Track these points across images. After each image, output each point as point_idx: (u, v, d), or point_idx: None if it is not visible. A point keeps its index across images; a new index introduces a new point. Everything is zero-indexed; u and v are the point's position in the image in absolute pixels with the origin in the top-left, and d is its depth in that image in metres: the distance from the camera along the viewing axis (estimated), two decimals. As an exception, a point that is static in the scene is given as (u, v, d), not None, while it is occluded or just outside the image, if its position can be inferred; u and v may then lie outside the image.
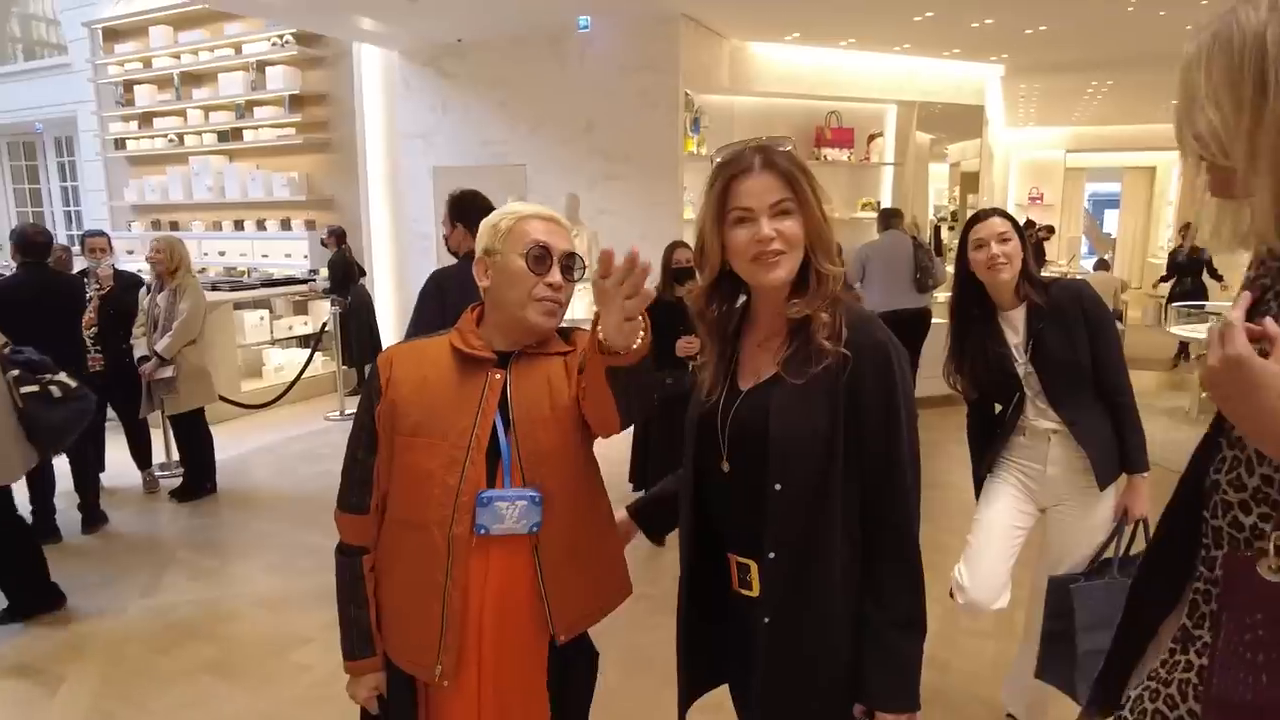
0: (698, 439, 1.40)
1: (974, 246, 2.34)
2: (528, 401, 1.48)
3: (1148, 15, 6.59)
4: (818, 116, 8.06)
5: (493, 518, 1.43)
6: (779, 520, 1.28)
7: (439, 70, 7.60)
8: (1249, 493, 1.07)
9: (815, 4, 6.35)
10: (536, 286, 1.47)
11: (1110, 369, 2.32)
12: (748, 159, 1.28)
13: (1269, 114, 0.94)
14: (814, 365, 1.26)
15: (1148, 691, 1.18)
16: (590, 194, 6.84)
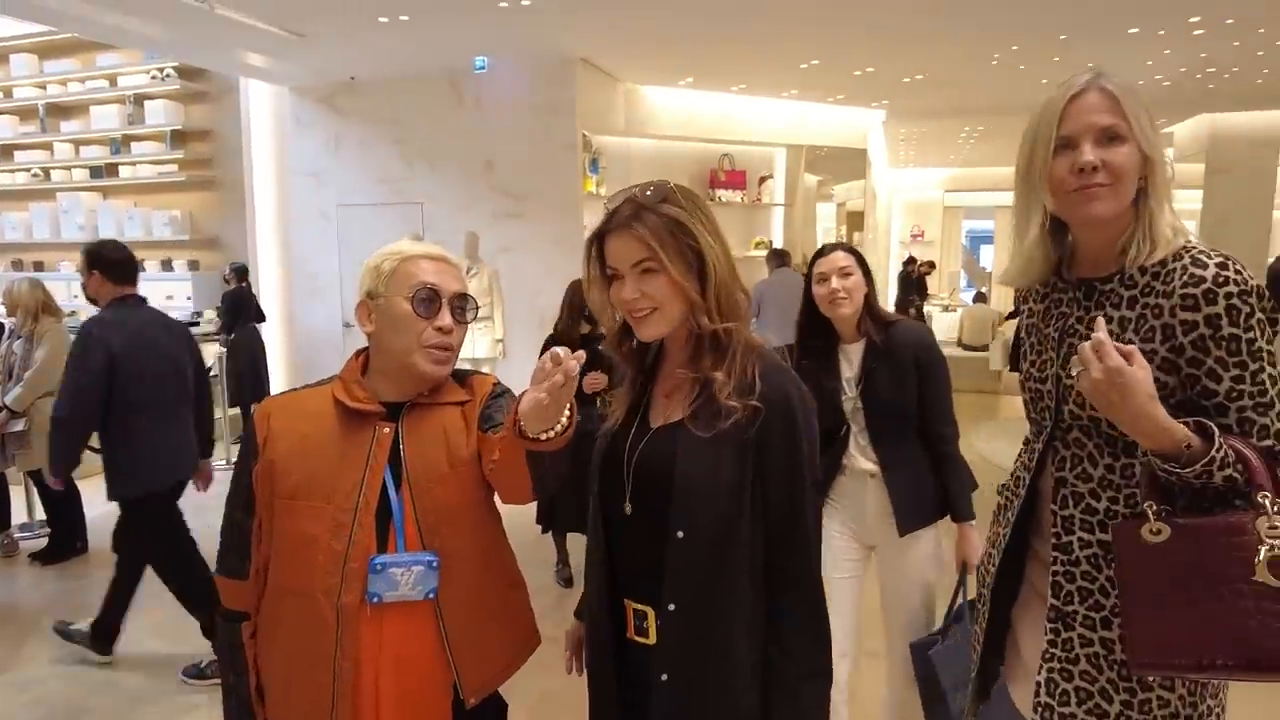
0: (603, 475, 1.36)
1: (817, 281, 2.34)
2: (422, 458, 1.38)
3: (1010, 68, 7.13)
4: (711, 159, 8.30)
5: (387, 585, 1.32)
6: (679, 572, 1.24)
7: (332, 107, 7.45)
8: (1096, 481, 1.29)
9: (706, 50, 6.57)
10: (425, 332, 1.37)
11: (936, 416, 2.32)
12: (618, 216, 1.25)
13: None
14: (722, 420, 1.23)
15: (1057, 673, 1.31)
16: (491, 232, 6.80)
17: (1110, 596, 1.27)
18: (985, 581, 1.49)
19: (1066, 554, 1.32)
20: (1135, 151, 1.23)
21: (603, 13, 5.57)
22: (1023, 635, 1.44)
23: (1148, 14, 5.75)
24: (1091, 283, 1.32)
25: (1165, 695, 1.26)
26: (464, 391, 1.47)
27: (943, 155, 13.72)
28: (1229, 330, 1.18)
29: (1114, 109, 1.22)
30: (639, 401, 1.36)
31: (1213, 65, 7.21)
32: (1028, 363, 1.44)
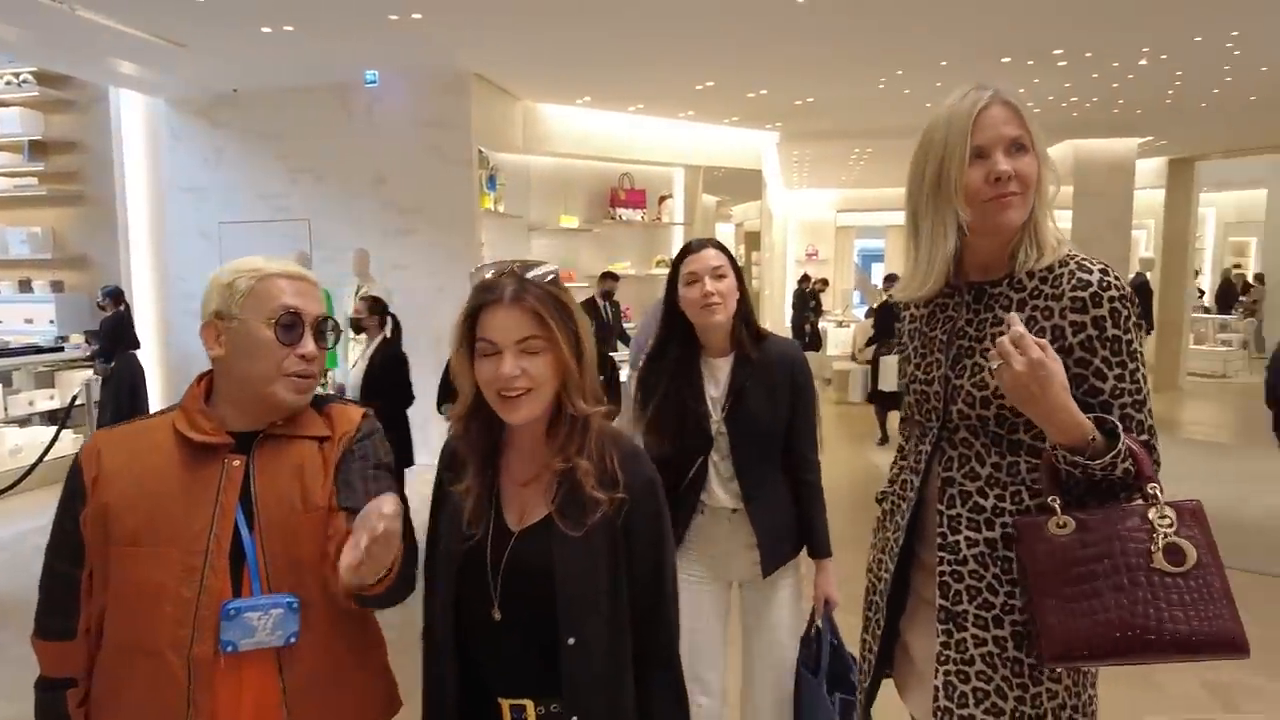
0: (460, 581, 1.26)
1: (686, 281, 2.02)
2: (276, 495, 1.26)
3: (895, 93, 7.44)
4: (611, 178, 8.32)
5: (242, 632, 1.20)
6: (576, 675, 1.22)
7: (211, 120, 7.10)
8: (984, 480, 1.32)
9: (602, 70, 6.60)
10: (287, 359, 1.26)
11: (804, 442, 2.12)
12: (501, 289, 1.20)
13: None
14: (590, 514, 1.22)
15: (953, 675, 1.32)
16: (382, 249, 6.59)
17: (999, 594, 1.30)
18: (877, 589, 1.50)
19: (953, 553, 1.34)
20: (1035, 161, 1.29)
21: (495, 30, 5.50)
22: (913, 643, 1.45)
23: (1017, 45, 6.11)
24: (982, 286, 1.36)
25: (1053, 687, 1.30)
26: (323, 423, 1.34)
27: (835, 176, 14.21)
28: (1112, 331, 1.25)
29: (1018, 121, 1.29)
30: (489, 502, 1.27)
31: (1075, 94, 7.72)
32: (912, 366, 1.46)
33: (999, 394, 1.28)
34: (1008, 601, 1.29)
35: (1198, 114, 8.66)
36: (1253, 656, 2.96)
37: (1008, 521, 1.29)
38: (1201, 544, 1.16)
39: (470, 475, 1.27)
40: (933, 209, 1.33)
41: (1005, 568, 1.30)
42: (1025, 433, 1.30)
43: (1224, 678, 3.42)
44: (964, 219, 1.30)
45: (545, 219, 7.91)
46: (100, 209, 7.46)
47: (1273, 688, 3.33)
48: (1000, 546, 1.31)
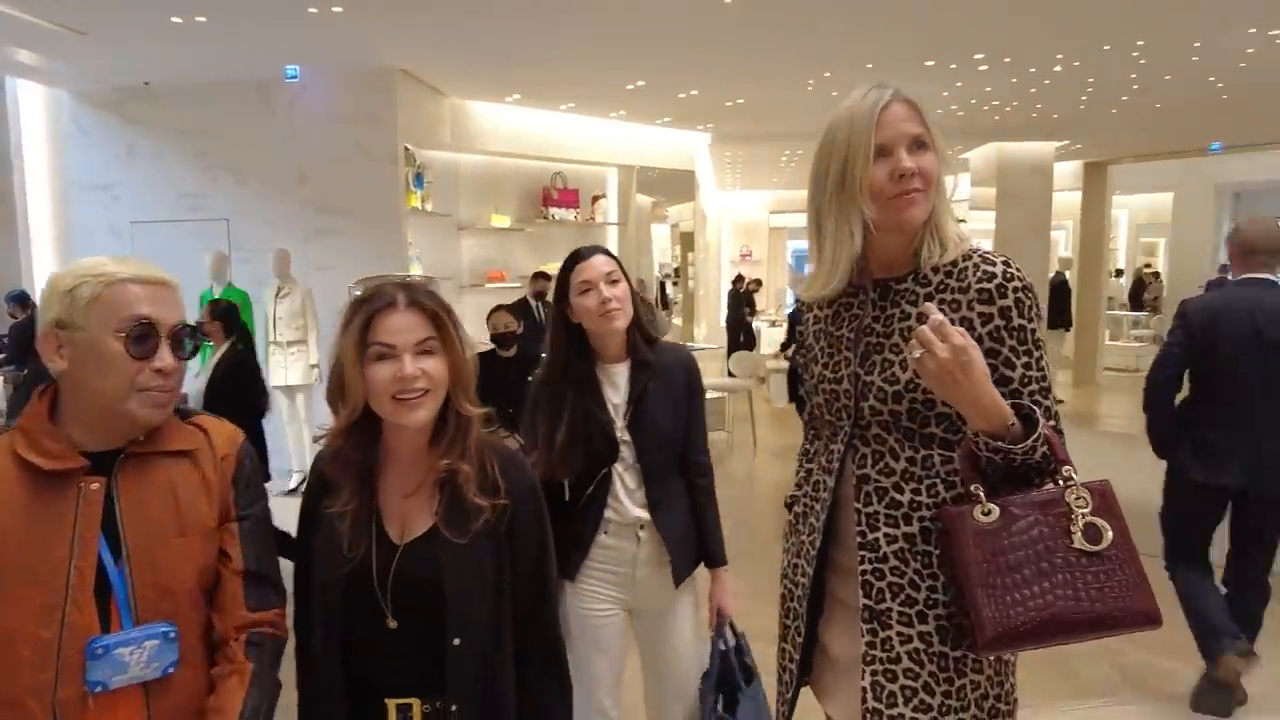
0: (348, 597, 1.27)
1: (579, 291, 1.98)
2: (145, 520, 1.17)
3: (823, 95, 7.54)
4: (543, 177, 8.24)
5: (112, 669, 1.11)
6: (460, 674, 1.27)
7: (122, 115, 6.78)
8: (899, 475, 1.33)
9: (532, 68, 6.52)
10: (141, 374, 1.16)
11: (699, 446, 2.12)
12: (390, 295, 1.26)
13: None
14: (474, 521, 1.26)
15: (881, 675, 1.31)
16: (305, 249, 6.40)
17: (921, 590, 1.30)
18: (794, 595, 1.49)
19: (874, 551, 1.34)
20: (935, 158, 1.31)
21: (421, 25, 5.38)
22: (832, 645, 1.45)
23: (940, 49, 6.25)
24: (887, 283, 1.38)
25: (976, 679, 1.31)
26: (193, 436, 1.25)
27: (767, 178, 14.37)
28: (1018, 321, 1.28)
29: (918, 119, 1.31)
30: (370, 519, 1.29)
31: (996, 99, 7.96)
32: (820, 366, 1.45)
33: (910, 388, 1.29)
34: (930, 596, 1.30)
35: (1109, 120, 9.01)
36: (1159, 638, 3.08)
37: (925, 515, 1.30)
38: (1115, 522, 1.20)
39: (346, 496, 1.28)
40: (837, 208, 1.34)
41: (926, 562, 1.31)
42: (937, 426, 1.31)
43: (1132, 660, 3.54)
44: (869, 216, 1.30)
45: (475, 218, 7.79)
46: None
47: (1178, 668, 3.46)
48: (919, 541, 1.31)
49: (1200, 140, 10.71)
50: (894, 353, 1.33)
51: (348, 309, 1.29)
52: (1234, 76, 7.10)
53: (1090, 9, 5.31)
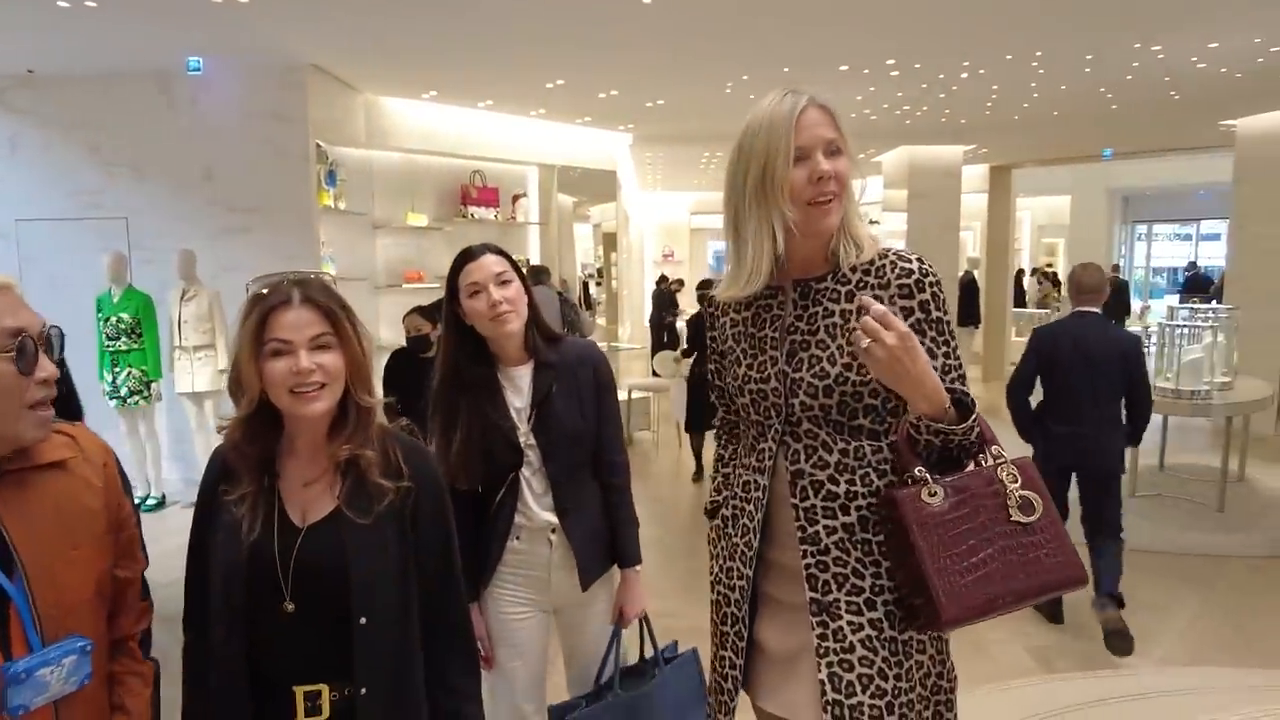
0: (250, 580, 1.30)
1: (468, 293, 1.91)
2: (36, 538, 1.12)
3: (741, 98, 7.64)
4: (461, 175, 8.11)
5: (34, 691, 1.09)
6: (367, 652, 1.30)
7: (5, 105, 6.36)
8: (833, 467, 1.36)
9: (448, 64, 6.40)
10: (28, 390, 1.10)
11: (611, 445, 2.05)
12: (285, 292, 1.30)
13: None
14: (378, 503, 1.31)
15: (837, 665, 1.34)
16: (211, 249, 6.12)
17: (865, 578, 1.34)
18: (730, 600, 1.49)
19: (815, 544, 1.37)
20: (848, 162, 1.35)
21: (332, 18, 5.21)
22: (769, 642, 1.46)
23: (854, 54, 6.41)
24: (807, 283, 1.42)
25: (920, 659, 1.37)
26: (63, 444, 1.20)
27: (688, 179, 14.48)
28: (936, 314, 1.35)
29: (832, 124, 1.35)
30: (271, 505, 1.33)
31: (908, 103, 8.21)
32: (743, 367, 1.46)
33: (840, 381, 1.34)
34: (875, 583, 1.35)
35: (1012, 125, 9.42)
36: (1065, 620, 3.22)
37: (862, 505, 1.35)
38: (1041, 495, 1.30)
39: (246, 483, 1.32)
40: (756, 210, 1.36)
41: (866, 550, 1.35)
42: (865, 418, 1.36)
43: (1041, 643, 3.70)
44: (790, 218, 1.33)
45: (390, 217, 7.60)
46: None
47: (1082, 647, 3.64)
48: (858, 530, 1.36)
49: (1094, 147, 11.30)
50: (820, 349, 1.37)
51: (245, 305, 1.34)
52: (1122, 88, 7.52)
53: (993, 20, 5.53)
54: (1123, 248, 17.62)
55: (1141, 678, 3.38)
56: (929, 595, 1.23)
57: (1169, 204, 17.69)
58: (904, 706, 1.34)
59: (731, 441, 1.62)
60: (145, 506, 5.90)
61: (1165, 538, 4.92)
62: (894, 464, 1.37)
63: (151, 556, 1.37)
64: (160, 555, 4.87)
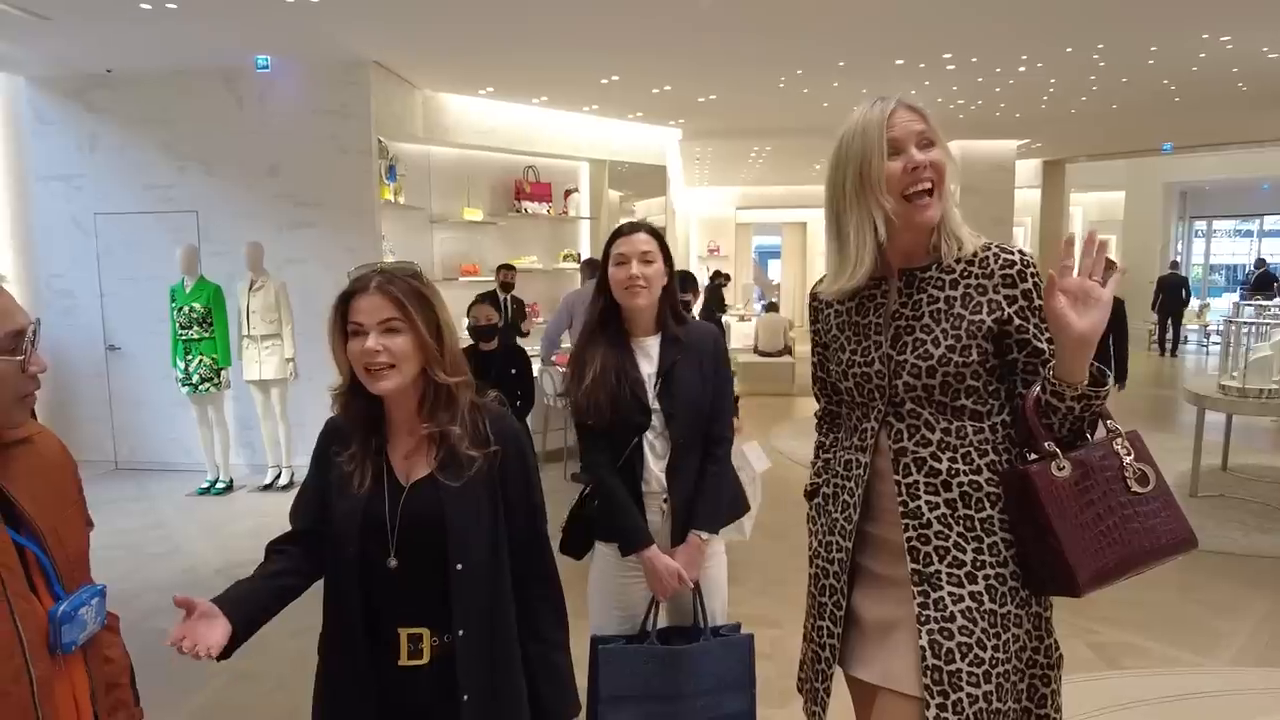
0: (363, 531, 1.45)
1: (615, 261, 2.10)
2: (38, 503, 1.22)
3: (794, 93, 7.64)
4: (515, 170, 8.23)
5: (78, 629, 1.21)
6: (464, 596, 1.44)
7: (84, 103, 6.62)
8: (935, 445, 1.44)
9: (505, 61, 6.51)
10: (24, 384, 1.19)
11: (719, 417, 2.18)
12: (365, 280, 1.44)
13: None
14: (467, 470, 1.45)
15: (937, 633, 1.40)
16: (277, 242, 6.31)
17: (967, 552, 1.41)
18: (829, 573, 1.57)
19: (916, 518, 1.44)
20: (943, 156, 1.43)
21: (394, 17, 5.34)
22: (866, 612, 1.53)
23: (910, 49, 6.38)
24: (912, 272, 1.50)
25: (1017, 633, 1.43)
26: (24, 425, 1.29)
27: (734, 174, 14.48)
28: (1038, 302, 1.42)
29: (923, 121, 1.43)
30: (379, 466, 1.48)
31: (962, 97, 8.14)
32: (848, 353, 1.55)
33: (943, 363, 1.42)
34: (976, 558, 1.42)
35: (1068, 119, 9.27)
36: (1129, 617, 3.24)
37: (964, 482, 1.43)
38: (1152, 466, 1.37)
39: (355, 444, 1.49)
40: (857, 206, 1.45)
41: (968, 525, 1.43)
42: (967, 398, 1.44)
43: (1105, 639, 3.69)
44: (889, 209, 1.42)
45: (448, 211, 7.75)
46: (-46, 198, 6.85)
47: (1149, 645, 3.61)
48: (959, 506, 1.43)
49: (1153, 141, 11.06)
50: (924, 333, 1.46)
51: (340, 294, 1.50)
52: (1186, 80, 7.36)
53: (1054, 13, 5.46)
54: (1179, 244, 17.18)
55: (1210, 677, 3.35)
56: (1063, 563, 1.32)
57: (1230, 199, 17.23)
58: (1000, 676, 1.39)
59: (832, 430, 1.71)
60: (214, 491, 6.11)
61: (1229, 539, 4.85)
62: (1016, 437, 1.45)
63: (221, 539, 1.49)
64: (230, 538, 5.11)
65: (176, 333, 5.96)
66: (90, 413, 6.87)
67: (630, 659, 2.07)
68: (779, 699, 3.00)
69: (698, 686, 2.08)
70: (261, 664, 3.42)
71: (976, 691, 1.38)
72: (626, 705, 2.06)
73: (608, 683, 2.05)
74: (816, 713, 1.62)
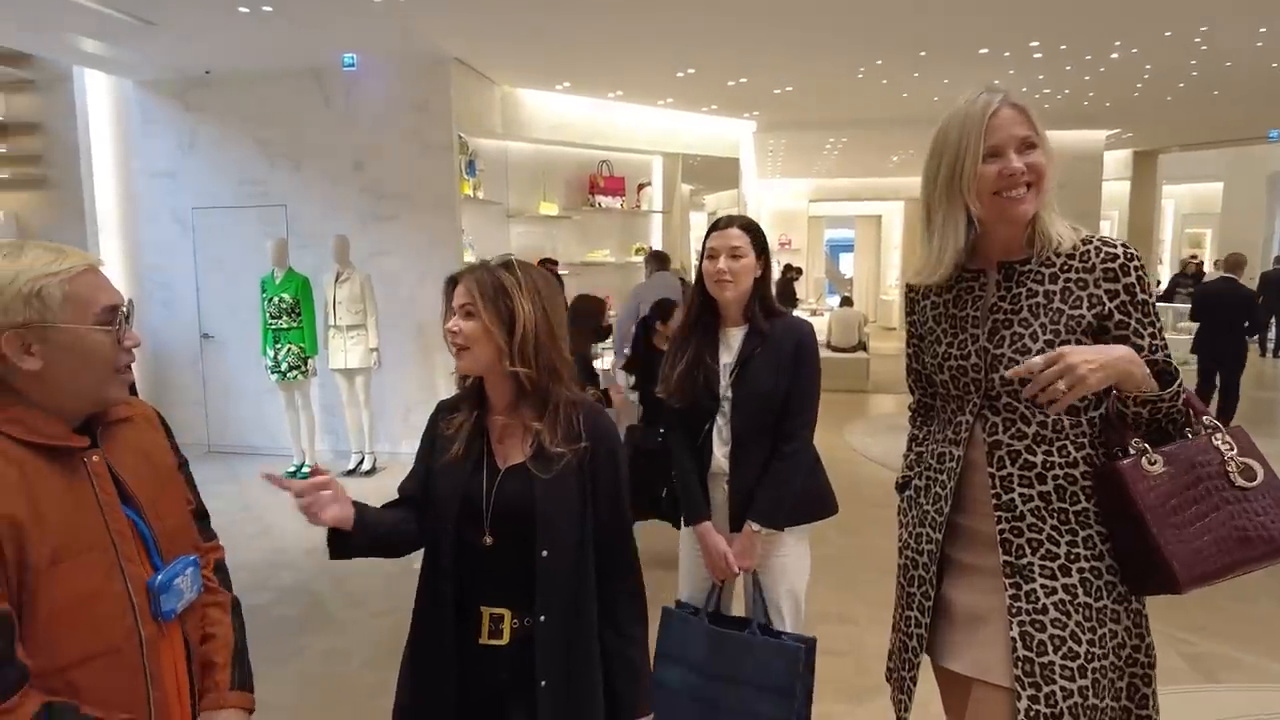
0: (461, 514, 1.53)
1: (707, 256, 2.21)
2: (139, 478, 1.31)
3: (873, 84, 7.51)
4: (590, 164, 8.30)
5: (176, 597, 1.29)
6: (548, 586, 1.50)
7: (184, 103, 6.95)
8: (1030, 438, 1.43)
9: (583, 56, 6.56)
10: (118, 356, 1.26)
11: (793, 417, 2.17)
12: (464, 270, 1.55)
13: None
14: (557, 463, 1.51)
15: (1029, 625, 1.40)
16: (362, 235, 6.52)
17: (1061, 545, 1.40)
18: (918, 564, 1.57)
19: (1010, 510, 1.43)
20: (1044, 156, 1.41)
21: (476, 13, 5.45)
22: (956, 602, 1.52)
23: (995, 37, 6.20)
24: (1011, 265, 1.48)
25: (1115, 628, 1.41)
26: (123, 406, 1.36)
27: (807, 166, 14.27)
28: (1141, 297, 1.40)
29: (1027, 122, 1.42)
30: (480, 443, 1.57)
31: (1048, 86, 7.86)
32: (943, 346, 1.54)
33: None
34: (1070, 550, 1.40)
35: (1163, 107, 8.87)
36: (1226, 629, 3.11)
37: (1059, 475, 1.41)
38: (1260, 460, 1.33)
39: (462, 414, 1.59)
40: (945, 203, 1.45)
41: (1062, 519, 1.41)
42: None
43: (1200, 650, 3.54)
44: (975, 212, 1.43)
45: (524, 206, 7.87)
46: (66, 193, 7.25)
47: (1246, 659, 3.45)
48: (1054, 499, 1.42)
49: (1258, 129, 10.48)
50: (1023, 326, 1.44)
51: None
52: (1298, 63, 6.97)
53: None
54: (1283, 238, 16.22)
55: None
56: (1160, 561, 1.28)
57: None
58: (1096, 672, 1.37)
59: (926, 423, 1.69)
60: (300, 474, 6.35)
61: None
62: (1105, 438, 1.41)
63: (305, 522, 1.53)
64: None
65: (266, 322, 6.20)
66: (186, 397, 7.23)
67: (681, 626, 2.22)
68: (856, 695, 2.98)
69: (740, 676, 2.12)
70: (348, 642, 3.56)
71: (1071, 686, 1.36)
72: (675, 667, 2.19)
73: (663, 641, 2.22)
74: (903, 701, 1.62)
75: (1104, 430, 1.41)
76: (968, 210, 1.42)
